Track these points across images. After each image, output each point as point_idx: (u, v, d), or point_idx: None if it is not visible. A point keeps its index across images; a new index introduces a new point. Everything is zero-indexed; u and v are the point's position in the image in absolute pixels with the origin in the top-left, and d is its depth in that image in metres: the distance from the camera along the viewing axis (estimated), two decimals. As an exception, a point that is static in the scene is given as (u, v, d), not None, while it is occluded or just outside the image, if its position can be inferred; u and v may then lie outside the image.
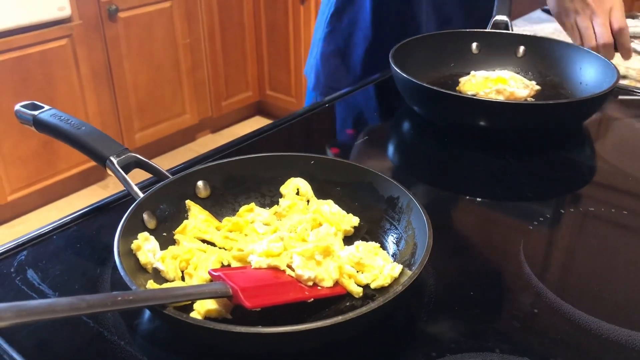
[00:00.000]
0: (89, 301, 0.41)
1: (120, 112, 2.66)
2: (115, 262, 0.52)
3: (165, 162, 0.66)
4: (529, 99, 0.95)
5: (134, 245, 0.56)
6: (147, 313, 0.55)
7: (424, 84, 0.85)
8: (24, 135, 2.30)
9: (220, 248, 0.61)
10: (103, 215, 0.70)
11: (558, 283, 0.60)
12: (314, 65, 1.29)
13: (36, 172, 2.42)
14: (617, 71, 0.88)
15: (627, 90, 1.05)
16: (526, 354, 0.51)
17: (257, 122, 3.34)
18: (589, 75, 0.97)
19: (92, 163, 2.59)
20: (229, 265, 0.59)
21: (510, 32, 1.10)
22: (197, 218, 0.63)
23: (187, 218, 0.63)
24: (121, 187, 0.65)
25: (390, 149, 0.90)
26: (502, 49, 1.06)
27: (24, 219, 2.47)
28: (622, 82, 1.09)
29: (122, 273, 0.50)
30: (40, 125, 0.67)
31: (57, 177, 2.50)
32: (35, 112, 0.68)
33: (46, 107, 0.69)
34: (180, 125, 2.96)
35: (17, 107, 0.69)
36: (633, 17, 1.32)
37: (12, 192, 2.37)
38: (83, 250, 0.64)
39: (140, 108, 2.73)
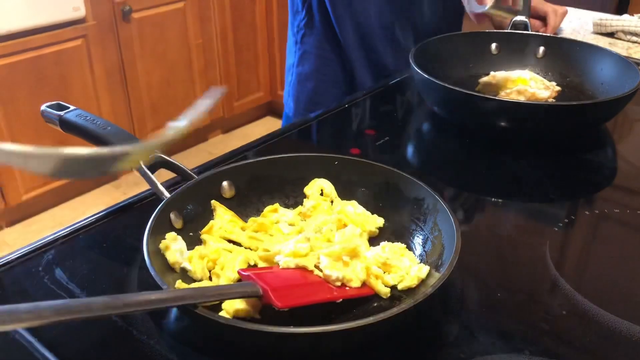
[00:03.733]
0: (124, 300, 0.41)
1: (134, 112, 2.68)
2: (142, 261, 0.52)
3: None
4: (550, 100, 0.95)
5: (162, 245, 0.56)
6: (174, 312, 0.55)
7: (445, 84, 0.85)
8: (39, 134, 2.31)
9: (246, 248, 0.61)
10: (127, 215, 0.70)
11: (585, 285, 0.60)
12: (291, 92, 1.28)
13: (50, 172, 2.44)
14: (640, 72, 0.88)
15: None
16: (556, 356, 0.51)
17: (269, 123, 3.34)
18: (609, 76, 0.96)
19: (107, 163, 2.59)
20: (255, 265, 0.59)
21: (529, 32, 1.10)
22: (223, 218, 0.63)
23: (212, 218, 0.64)
24: (134, 186, 0.66)
25: (411, 149, 0.90)
26: (521, 50, 1.06)
27: (38, 218, 2.48)
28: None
29: (152, 272, 0.50)
30: (67, 125, 0.68)
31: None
32: (61, 113, 0.68)
33: (72, 107, 0.70)
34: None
35: (43, 107, 0.70)
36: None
37: (27, 192, 2.39)
38: (109, 249, 0.64)
39: (153, 108, 2.75)
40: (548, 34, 1.17)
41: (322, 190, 0.67)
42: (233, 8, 2.94)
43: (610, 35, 1.33)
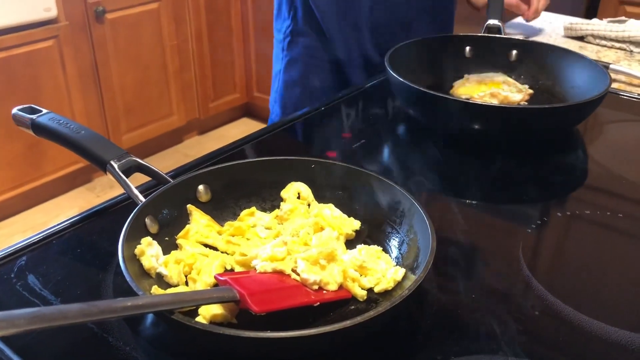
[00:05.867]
0: (99, 307, 0.41)
1: (107, 113, 2.64)
2: (117, 266, 0.52)
3: (152, 164, 0.66)
4: (522, 102, 0.96)
5: (137, 250, 0.56)
6: (150, 317, 0.55)
7: (419, 87, 0.86)
8: (10, 137, 2.27)
9: (222, 252, 0.61)
10: (102, 219, 0.69)
11: (557, 285, 0.61)
12: (277, 98, 1.28)
13: (22, 174, 2.39)
14: (609, 75, 0.90)
15: (617, 94, 1.07)
16: (529, 356, 0.51)
17: (245, 124, 3.33)
18: (580, 79, 0.98)
19: (79, 165, 2.56)
20: (232, 270, 0.59)
21: (502, 36, 1.11)
22: (199, 222, 0.63)
23: (188, 222, 0.63)
24: (108, 189, 0.65)
25: (387, 152, 0.91)
26: (495, 53, 1.07)
27: (9, 222, 2.44)
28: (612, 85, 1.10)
29: (128, 278, 0.49)
30: (39, 129, 0.67)
31: (43, 179, 2.47)
32: (34, 116, 0.67)
33: (44, 110, 0.69)
34: (168, 126, 2.94)
35: (15, 110, 0.69)
36: (620, 22, 1.34)
37: (-3, 195, 2.35)
38: (84, 255, 0.63)
39: (128, 110, 2.72)
40: (521, 39, 1.19)
41: (299, 193, 0.67)
42: (208, 9, 2.93)
43: (581, 39, 1.35)
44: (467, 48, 1.08)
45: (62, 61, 2.39)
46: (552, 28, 1.43)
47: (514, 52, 1.07)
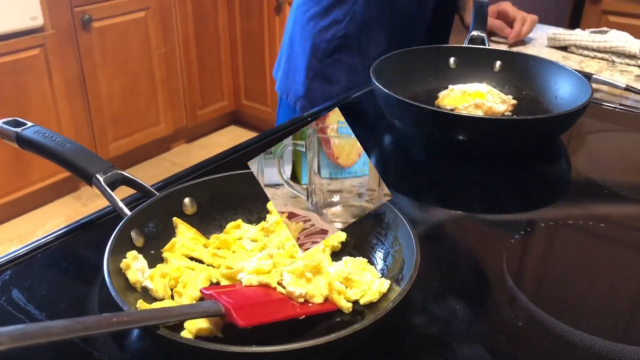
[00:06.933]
0: (84, 323, 0.41)
1: (94, 122, 2.63)
2: (103, 280, 0.52)
3: (139, 173, 0.66)
4: (506, 113, 0.97)
5: (122, 264, 0.56)
6: (135, 332, 0.55)
7: (404, 99, 0.87)
8: (-5, 147, 2.26)
9: (208, 265, 0.61)
10: (88, 232, 0.69)
11: (541, 296, 0.62)
12: (309, 94, 1.27)
13: (7, 184, 2.38)
14: (591, 86, 0.91)
15: (600, 104, 1.09)
16: (513, 367, 0.52)
17: (233, 132, 3.33)
18: (563, 90, 1.00)
19: (65, 174, 2.54)
20: (218, 283, 0.59)
21: (486, 47, 1.13)
22: (185, 235, 0.63)
23: (174, 236, 0.63)
24: (94, 198, 0.65)
25: (372, 163, 0.91)
26: (479, 64, 1.08)
27: (-6, 232, 2.42)
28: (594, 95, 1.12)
29: (113, 293, 0.49)
30: (24, 142, 0.67)
31: (29, 189, 2.46)
32: (19, 129, 0.67)
33: (29, 123, 0.69)
34: (155, 135, 2.94)
35: (-1, 123, 0.69)
36: (602, 33, 1.36)
37: (-18, 204, 2.33)
38: (69, 268, 0.63)
39: (115, 118, 2.71)
40: (505, 49, 1.20)
41: (284, 205, 0.68)
42: (196, 17, 2.93)
43: (564, 49, 1.37)
44: (452, 59, 1.09)
45: (49, 70, 2.38)
46: (536, 38, 1.45)
47: (498, 62, 1.08)
